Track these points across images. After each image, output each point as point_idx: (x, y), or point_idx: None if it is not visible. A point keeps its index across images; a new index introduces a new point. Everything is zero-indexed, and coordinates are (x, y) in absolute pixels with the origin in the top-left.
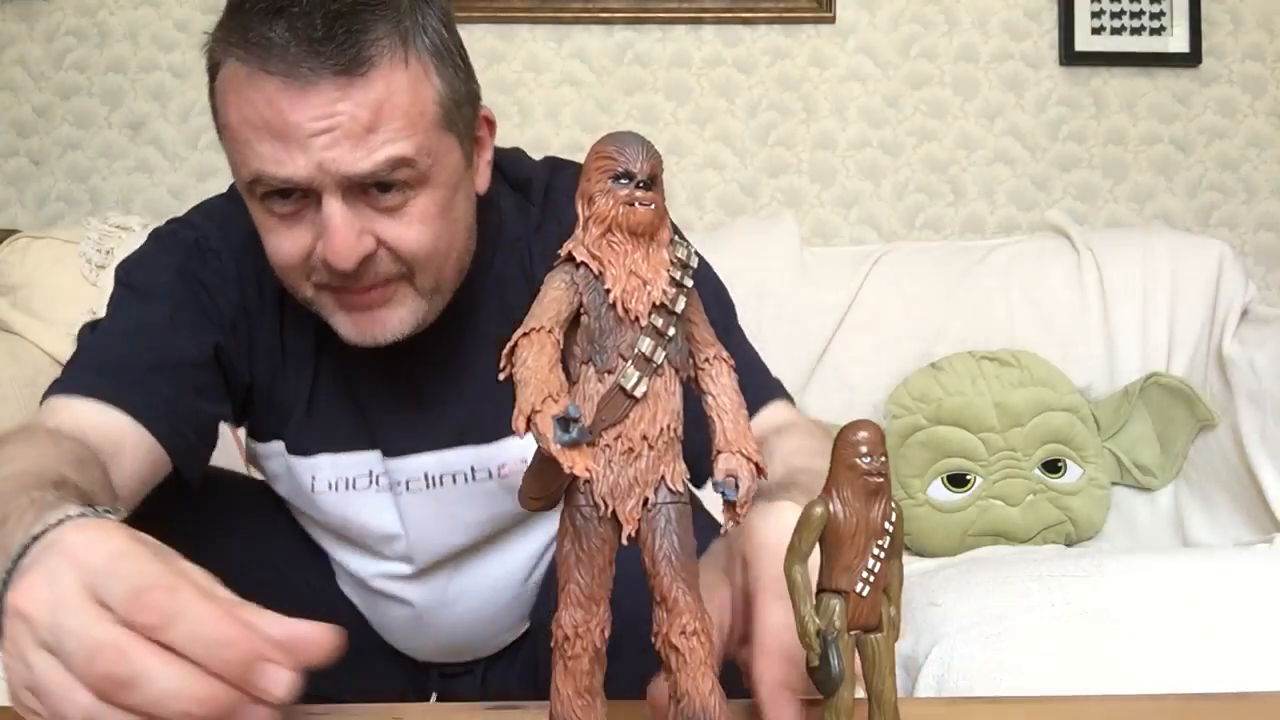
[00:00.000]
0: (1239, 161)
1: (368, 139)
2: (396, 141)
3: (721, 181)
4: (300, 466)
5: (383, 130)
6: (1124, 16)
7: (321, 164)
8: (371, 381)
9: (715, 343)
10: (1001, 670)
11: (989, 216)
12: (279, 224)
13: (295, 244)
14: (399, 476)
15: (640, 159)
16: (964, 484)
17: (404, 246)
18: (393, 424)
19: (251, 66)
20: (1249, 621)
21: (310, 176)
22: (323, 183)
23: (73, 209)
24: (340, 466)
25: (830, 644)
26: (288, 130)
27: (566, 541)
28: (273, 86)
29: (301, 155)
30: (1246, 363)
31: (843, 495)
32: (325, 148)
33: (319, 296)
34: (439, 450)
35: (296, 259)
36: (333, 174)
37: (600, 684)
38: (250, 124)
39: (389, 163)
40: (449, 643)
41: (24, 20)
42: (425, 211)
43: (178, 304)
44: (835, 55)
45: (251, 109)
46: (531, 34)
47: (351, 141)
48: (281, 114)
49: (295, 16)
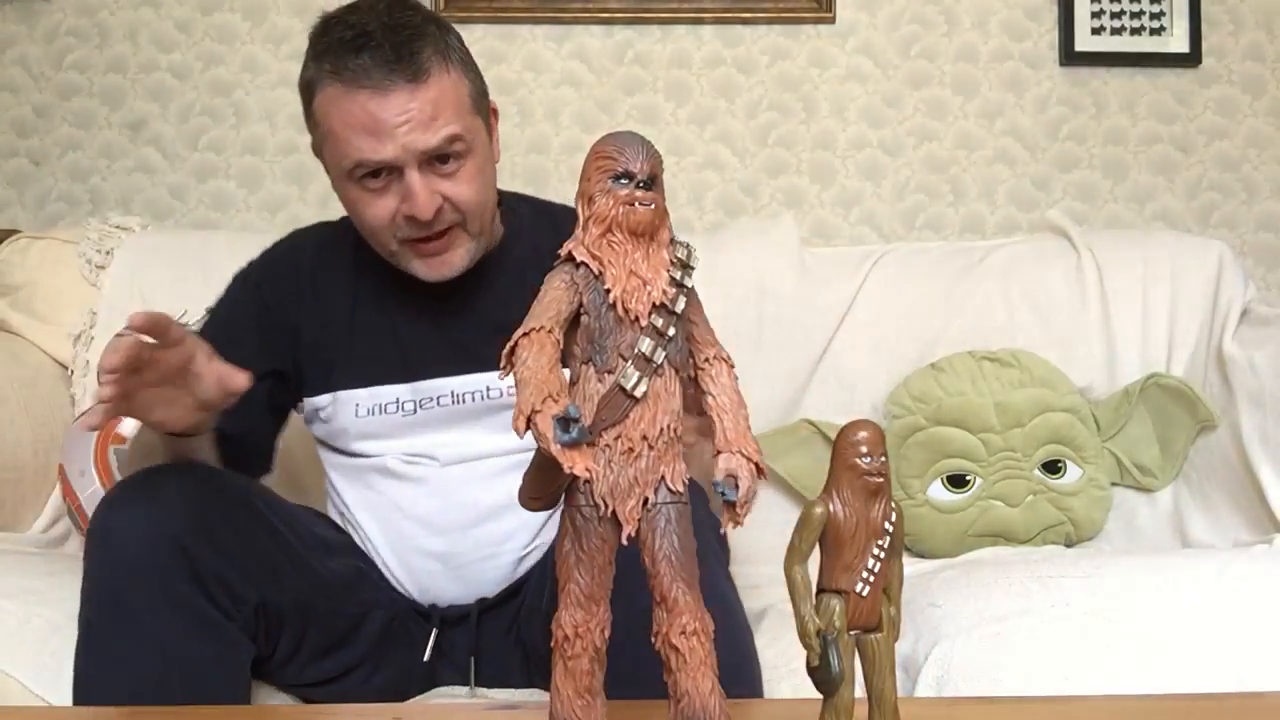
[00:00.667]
0: (1239, 161)
1: (433, 124)
2: (451, 124)
3: (721, 181)
4: (345, 397)
5: (441, 117)
6: (1124, 16)
7: (404, 146)
8: (406, 331)
9: (715, 343)
10: (1001, 670)
11: (989, 217)
12: (373, 197)
13: (385, 209)
14: (427, 394)
15: (640, 159)
16: (964, 484)
17: (461, 199)
18: (422, 359)
19: (347, 86)
20: (1249, 621)
21: (396, 156)
22: (405, 160)
23: (73, 209)
24: (379, 395)
25: (830, 644)
26: (379, 126)
27: (566, 541)
28: (364, 97)
29: (390, 142)
30: (1246, 363)
31: (843, 495)
32: (405, 134)
33: (401, 249)
34: (461, 375)
35: (386, 220)
36: (412, 151)
37: (600, 684)
38: (350, 126)
39: (448, 138)
40: (455, 553)
41: (24, 20)
42: (471, 173)
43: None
44: (835, 55)
45: (351, 116)
46: (531, 34)
47: (422, 128)
48: (373, 115)
49: (374, 49)
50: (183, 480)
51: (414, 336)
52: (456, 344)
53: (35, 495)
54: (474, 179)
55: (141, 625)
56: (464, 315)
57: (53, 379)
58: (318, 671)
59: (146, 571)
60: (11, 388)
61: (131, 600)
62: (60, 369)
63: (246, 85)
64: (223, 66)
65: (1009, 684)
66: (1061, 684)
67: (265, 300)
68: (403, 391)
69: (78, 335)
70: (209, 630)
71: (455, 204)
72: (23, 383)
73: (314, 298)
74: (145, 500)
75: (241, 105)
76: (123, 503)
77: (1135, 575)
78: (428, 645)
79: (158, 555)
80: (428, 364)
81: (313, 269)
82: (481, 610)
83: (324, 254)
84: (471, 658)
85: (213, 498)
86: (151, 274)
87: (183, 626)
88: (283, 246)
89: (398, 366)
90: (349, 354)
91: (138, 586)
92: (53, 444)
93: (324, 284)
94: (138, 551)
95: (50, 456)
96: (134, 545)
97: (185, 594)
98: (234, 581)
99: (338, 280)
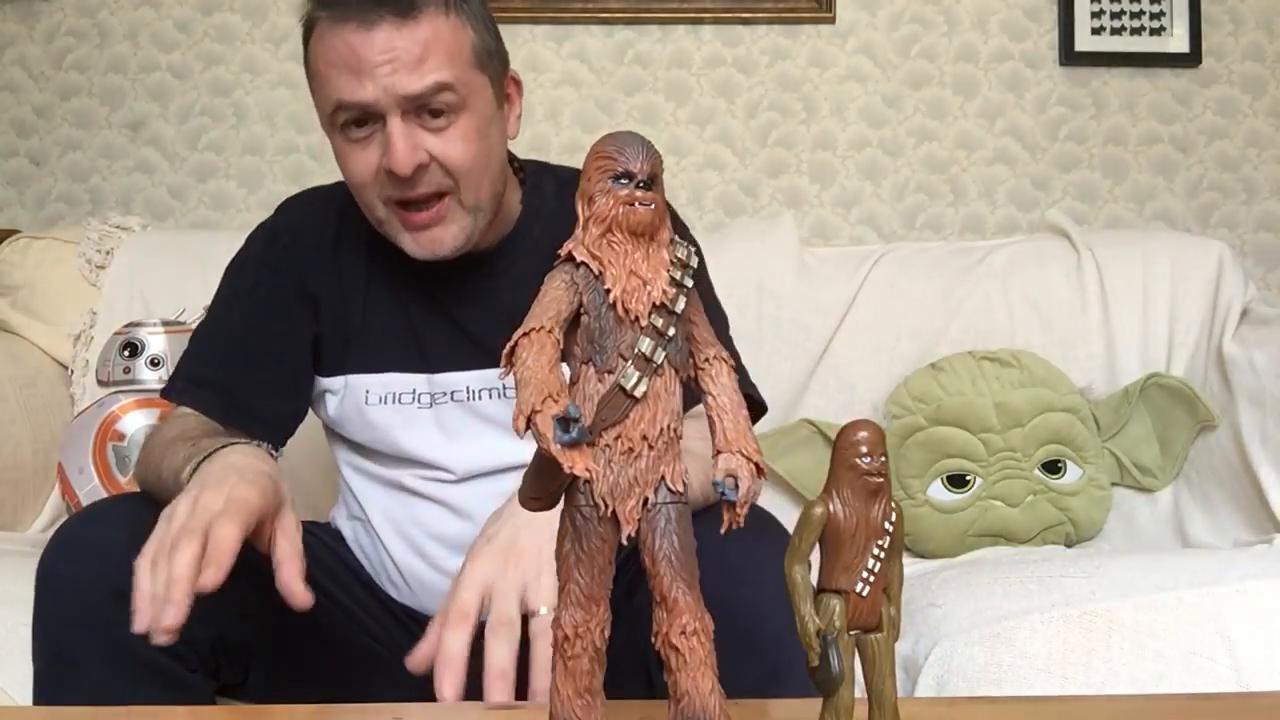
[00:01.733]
0: (1239, 161)
1: (419, 67)
2: (440, 70)
3: (721, 181)
4: (357, 383)
5: (430, 61)
6: (1124, 16)
7: (385, 88)
8: (422, 317)
9: (715, 343)
10: (1001, 670)
11: (989, 217)
12: (355, 148)
13: (367, 163)
14: (442, 388)
15: (640, 159)
16: (964, 484)
17: (450, 159)
18: (438, 350)
19: (333, 20)
20: (1249, 621)
21: (376, 98)
22: (386, 104)
23: (73, 209)
24: (390, 384)
25: (830, 644)
26: (359, 64)
27: (566, 541)
28: (348, 30)
29: (370, 82)
30: (1246, 363)
31: (843, 495)
32: (387, 75)
33: (389, 217)
34: (477, 370)
35: (368, 175)
36: (393, 95)
37: (600, 684)
38: (331, 63)
39: (435, 86)
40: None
41: (24, 20)
42: (465, 132)
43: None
44: (835, 55)
45: (333, 51)
46: (531, 34)
47: (406, 70)
48: (354, 51)
49: None
50: (129, 518)
51: (427, 323)
52: (470, 335)
53: (35, 495)
54: (469, 139)
55: (90, 677)
56: (478, 303)
57: (53, 379)
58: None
59: (89, 621)
60: (11, 388)
61: (77, 651)
62: (60, 369)
63: (246, 85)
64: (223, 66)
65: (1009, 684)
66: (1061, 684)
67: (295, 266)
68: (419, 383)
69: (78, 335)
70: (160, 678)
71: (444, 165)
72: (23, 383)
73: (334, 270)
74: (90, 546)
75: (241, 105)
76: (66, 548)
77: (1135, 575)
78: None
79: (101, 605)
80: (443, 356)
81: (335, 238)
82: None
83: (343, 224)
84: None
85: None
86: (151, 274)
87: (132, 677)
88: (306, 210)
89: (414, 356)
90: (364, 336)
91: (82, 637)
92: (53, 444)
93: (344, 257)
94: (81, 602)
95: (50, 456)
96: (77, 595)
97: (132, 643)
98: (185, 623)
99: (356, 253)
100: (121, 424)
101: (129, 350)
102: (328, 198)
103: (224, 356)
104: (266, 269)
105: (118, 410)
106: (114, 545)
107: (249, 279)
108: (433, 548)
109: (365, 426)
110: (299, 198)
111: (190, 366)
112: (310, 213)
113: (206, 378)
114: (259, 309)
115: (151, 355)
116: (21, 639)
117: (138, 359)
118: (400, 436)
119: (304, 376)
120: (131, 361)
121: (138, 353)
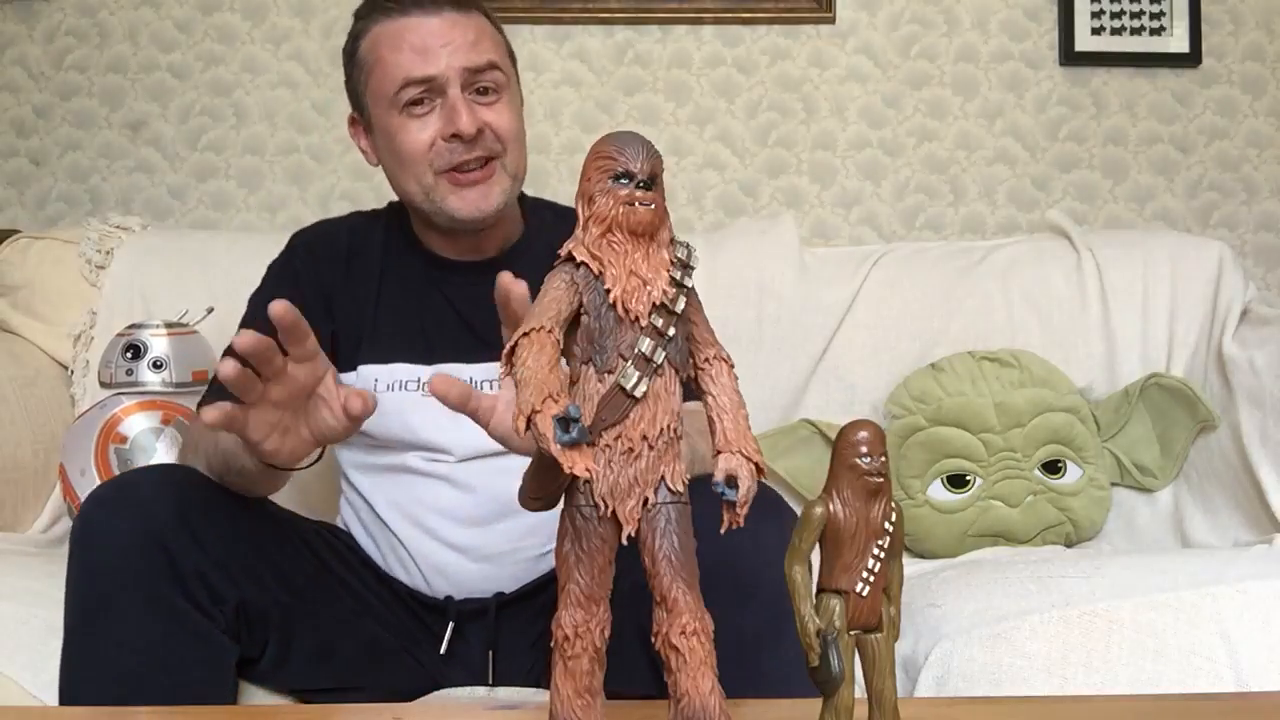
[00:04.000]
0: (1239, 161)
1: (475, 48)
2: (491, 52)
3: (721, 181)
4: (367, 373)
5: (482, 45)
6: (1124, 16)
7: (449, 63)
8: (429, 315)
9: (715, 343)
10: (1001, 670)
11: (989, 217)
12: (416, 122)
13: (426, 134)
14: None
15: (640, 159)
16: (964, 484)
17: (500, 128)
18: (443, 343)
19: (397, 16)
20: (1249, 621)
21: (441, 72)
22: (449, 77)
23: (73, 209)
24: (397, 373)
25: (830, 644)
26: (425, 45)
27: (566, 541)
28: (414, 20)
29: (436, 59)
30: (1246, 363)
31: (843, 495)
32: (450, 53)
33: (437, 183)
34: (481, 363)
35: (426, 146)
36: (456, 68)
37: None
38: (398, 49)
39: (489, 63)
40: (479, 545)
41: (24, 20)
42: (508, 106)
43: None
44: (835, 55)
45: (400, 39)
46: (531, 34)
47: (465, 49)
48: (420, 35)
49: None
50: (166, 480)
51: (435, 320)
52: (475, 331)
53: (35, 495)
54: (511, 111)
55: (124, 626)
56: (484, 303)
57: (53, 379)
58: (316, 677)
59: (128, 573)
60: (11, 388)
61: (114, 602)
62: (60, 369)
63: (246, 85)
64: (223, 66)
65: (1009, 684)
66: (1061, 684)
67: (311, 275)
68: (425, 373)
69: (78, 335)
70: (191, 631)
71: (496, 132)
72: (23, 383)
73: (347, 277)
74: (129, 501)
75: (241, 105)
76: (106, 503)
77: (1135, 575)
78: (444, 640)
79: (139, 556)
80: (447, 348)
81: (348, 251)
82: (499, 605)
83: (355, 238)
84: (489, 653)
85: (196, 497)
86: (151, 274)
87: (165, 628)
88: (316, 230)
89: (419, 347)
90: (374, 332)
91: (120, 588)
92: (53, 444)
93: (356, 266)
94: (120, 553)
95: (50, 456)
96: (116, 547)
97: (167, 594)
98: (215, 580)
99: (368, 262)
100: (124, 426)
101: (131, 352)
102: (335, 224)
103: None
104: (285, 279)
105: (120, 412)
106: (152, 500)
107: (269, 292)
108: (436, 521)
109: (377, 413)
110: (309, 227)
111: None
112: (322, 230)
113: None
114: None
115: (154, 357)
116: (33, 630)
117: (140, 361)
118: (410, 419)
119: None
120: (134, 363)
121: (140, 355)
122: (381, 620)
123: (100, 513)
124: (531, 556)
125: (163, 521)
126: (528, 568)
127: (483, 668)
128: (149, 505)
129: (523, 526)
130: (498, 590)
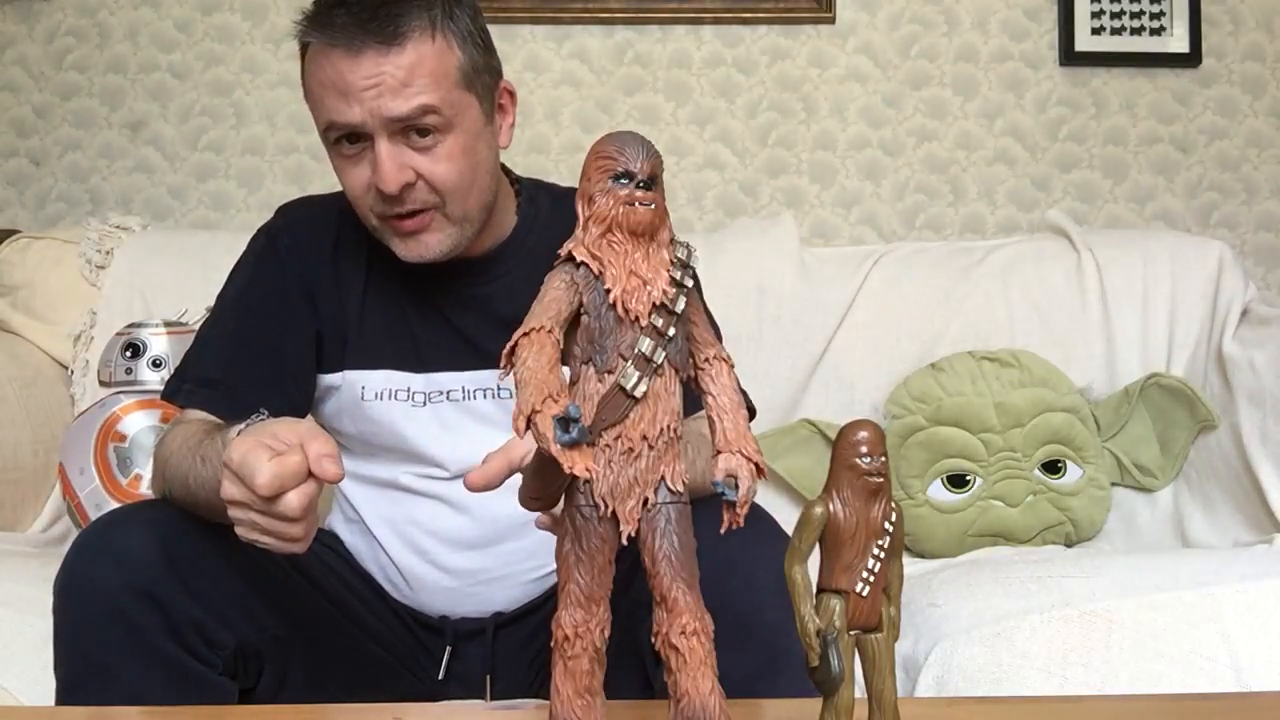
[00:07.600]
0: (1239, 161)
1: (404, 91)
2: (425, 94)
3: (721, 181)
4: (354, 378)
5: (414, 85)
6: (1124, 17)
7: (371, 110)
8: (419, 319)
9: (715, 343)
10: (1001, 670)
11: (989, 217)
12: (348, 163)
13: (359, 178)
14: (437, 388)
15: (640, 159)
16: (964, 484)
17: (436, 178)
18: (434, 351)
19: (322, 43)
20: (1249, 621)
21: (363, 120)
22: (373, 125)
23: (73, 209)
24: (387, 381)
25: (830, 644)
26: (347, 87)
27: (566, 541)
28: (337, 55)
29: (357, 105)
30: (1246, 363)
31: (843, 495)
32: (373, 98)
33: (381, 225)
34: (471, 370)
35: (361, 190)
36: (379, 117)
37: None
38: (322, 85)
39: (420, 108)
40: (476, 570)
41: (24, 20)
42: (452, 151)
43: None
44: (835, 55)
45: (323, 74)
46: (531, 34)
47: (391, 93)
48: (342, 75)
49: (351, 6)
50: (151, 524)
51: (423, 326)
52: (465, 337)
53: (35, 495)
54: (455, 158)
55: (119, 681)
56: (473, 307)
57: (53, 379)
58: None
59: (119, 627)
60: (11, 388)
61: (106, 657)
62: (60, 369)
63: (246, 85)
64: (223, 66)
65: (1009, 684)
66: (1061, 684)
67: (295, 267)
68: (415, 381)
69: (78, 335)
70: (189, 680)
71: (430, 182)
72: (23, 383)
73: (333, 269)
74: (113, 550)
75: (241, 105)
76: (90, 553)
77: (1135, 575)
78: (441, 662)
79: (129, 609)
80: (439, 356)
81: (336, 239)
82: (497, 625)
83: (344, 224)
84: (487, 676)
85: (182, 539)
86: (151, 274)
87: (161, 679)
88: (305, 209)
89: (410, 355)
90: (360, 333)
91: (111, 643)
92: (53, 444)
93: (343, 258)
94: (108, 606)
95: (50, 456)
96: (106, 601)
97: (161, 647)
98: (209, 627)
99: (355, 255)
100: (123, 425)
101: (131, 351)
102: (327, 203)
103: (228, 356)
104: (268, 268)
105: (119, 411)
106: (136, 549)
107: (250, 278)
108: (430, 544)
109: (365, 421)
110: (298, 201)
111: (195, 368)
112: (310, 214)
113: (212, 378)
114: (261, 306)
115: (153, 356)
116: (28, 640)
117: (140, 360)
118: (403, 428)
119: (307, 372)
120: (133, 362)
121: (140, 354)
122: (378, 638)
123: (85, 565)
124: (530, 579)
125: (151, 572)
126: (526, 589)
127: (481, 686)
128: (135, 554)
129: (521, 549)
130: (496, 610)
